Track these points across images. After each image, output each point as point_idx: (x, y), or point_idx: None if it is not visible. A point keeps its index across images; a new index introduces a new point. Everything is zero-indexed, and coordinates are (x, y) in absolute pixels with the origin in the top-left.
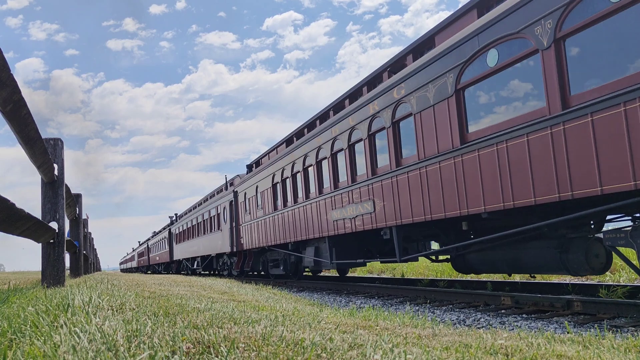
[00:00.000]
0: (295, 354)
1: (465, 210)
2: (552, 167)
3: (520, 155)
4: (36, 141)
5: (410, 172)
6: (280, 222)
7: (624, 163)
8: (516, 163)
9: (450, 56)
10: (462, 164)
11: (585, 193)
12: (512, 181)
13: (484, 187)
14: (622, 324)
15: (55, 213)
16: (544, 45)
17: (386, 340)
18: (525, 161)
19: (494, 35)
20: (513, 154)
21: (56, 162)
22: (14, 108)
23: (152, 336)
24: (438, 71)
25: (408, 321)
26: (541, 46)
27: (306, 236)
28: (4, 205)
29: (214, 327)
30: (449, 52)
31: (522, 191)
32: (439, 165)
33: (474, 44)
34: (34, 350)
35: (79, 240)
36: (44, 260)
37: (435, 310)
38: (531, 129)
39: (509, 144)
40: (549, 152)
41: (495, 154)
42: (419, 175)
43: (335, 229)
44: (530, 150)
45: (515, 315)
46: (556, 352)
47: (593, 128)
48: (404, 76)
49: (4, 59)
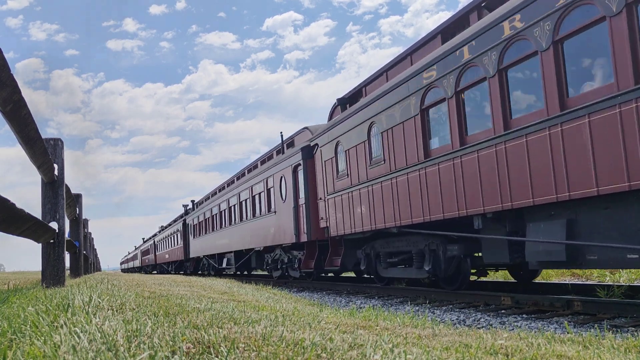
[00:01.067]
0: (295, 354)
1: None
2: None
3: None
4: (36, 141)
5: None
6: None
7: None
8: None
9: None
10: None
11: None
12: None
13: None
14: (622, 324)
15: (55, 213)
16: (491, 74)
17: (386, 340)
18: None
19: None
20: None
21: (56, 162)
22: (14, 108)
23: (152, 336)
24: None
25: (408, 321)
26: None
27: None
28: (4, 205)
29: (214, 327)
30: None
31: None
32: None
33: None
34: (34, 350)
35: (79, 240)
36: (44, 261)
37: (435, 310)
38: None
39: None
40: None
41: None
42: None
43: None
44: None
45: (515, 315)
46: (556, 352)
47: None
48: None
49: (4, 59)
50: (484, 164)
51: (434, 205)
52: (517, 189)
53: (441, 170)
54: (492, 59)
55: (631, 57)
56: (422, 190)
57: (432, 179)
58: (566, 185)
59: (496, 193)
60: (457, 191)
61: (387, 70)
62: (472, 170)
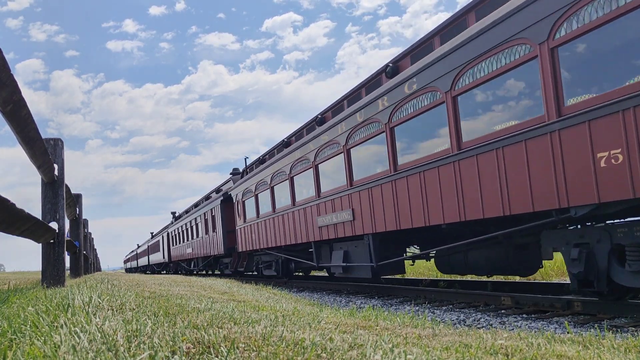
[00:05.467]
0: (295, 354)
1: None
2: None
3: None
4: (36, 141)
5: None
6: (274, 225)
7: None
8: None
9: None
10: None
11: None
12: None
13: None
14: (622, 324)
15: (55, 213)
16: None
17: (386, 340)
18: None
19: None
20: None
21: (56, 162)
22: (14, 108)
23: (152, 336)
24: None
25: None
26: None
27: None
28: (4, 205)
29: (214, 327)
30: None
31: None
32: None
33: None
34: (34, 350)
35: (79, 240)
36: (44, 261)
37: (435, 310)
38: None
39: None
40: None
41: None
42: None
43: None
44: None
45: (515, 315)
46: (556, 352)
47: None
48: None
49: (4, 59)
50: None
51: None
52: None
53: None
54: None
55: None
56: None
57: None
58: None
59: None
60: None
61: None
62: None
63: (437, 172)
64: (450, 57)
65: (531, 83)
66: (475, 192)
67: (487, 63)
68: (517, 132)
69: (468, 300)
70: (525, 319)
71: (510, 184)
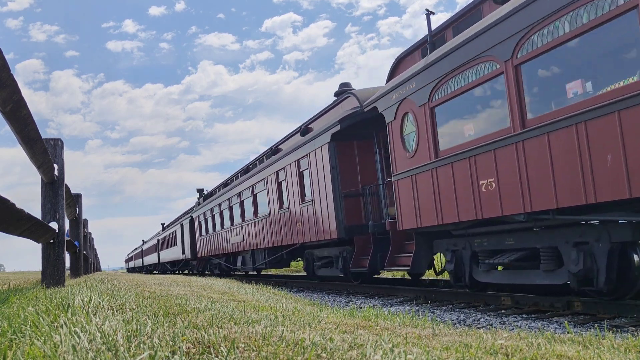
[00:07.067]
0: (295, 354)
1: None
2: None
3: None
4: (36, 141)
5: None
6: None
7: None
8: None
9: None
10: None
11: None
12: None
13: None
14: (622, 324)
15: (55, 213)
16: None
17: (386, 340)
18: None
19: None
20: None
21: (56, 162)
22: (14, 108)
23: (152, 336)
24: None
25: (408, 321)
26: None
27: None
28: (4, 205)
29: (214, 327)
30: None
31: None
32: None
33: None
34: (34, 350)
35: (79, 240)
36: (44, 261)
37: (435, 310)
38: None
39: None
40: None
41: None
42: None
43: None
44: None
45: (515, 315)
46: (556, 352)
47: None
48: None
49: (4, 59)
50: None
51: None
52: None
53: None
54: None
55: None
56: (219, 241)
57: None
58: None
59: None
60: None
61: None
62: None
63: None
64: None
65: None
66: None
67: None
68: None
69: (468, 300)
70: (525, 319)
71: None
